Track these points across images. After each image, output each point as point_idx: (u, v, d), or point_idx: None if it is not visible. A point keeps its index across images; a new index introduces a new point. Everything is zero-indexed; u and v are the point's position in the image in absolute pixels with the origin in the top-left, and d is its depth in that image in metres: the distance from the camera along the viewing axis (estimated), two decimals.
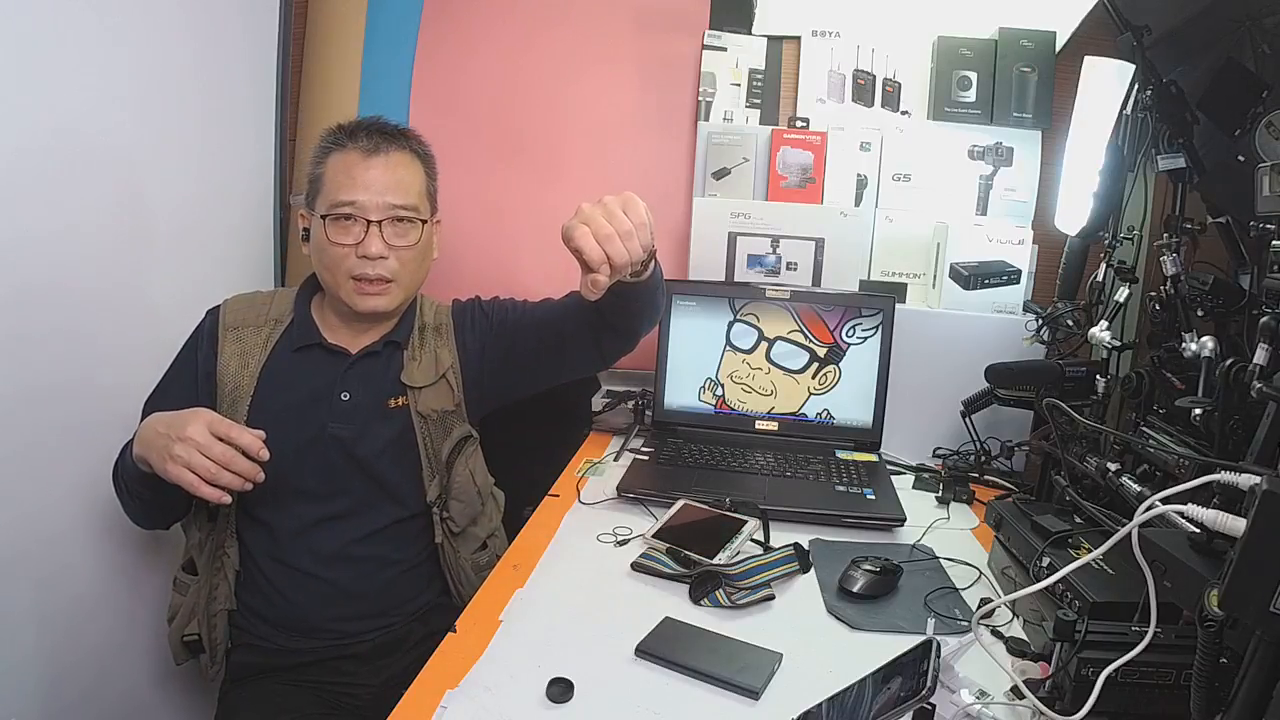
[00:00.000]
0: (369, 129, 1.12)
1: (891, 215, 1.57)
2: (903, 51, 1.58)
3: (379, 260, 1.09)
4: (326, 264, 1.11)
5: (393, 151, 1.11)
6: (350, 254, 1.08)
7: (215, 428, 0.95)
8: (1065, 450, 1.11)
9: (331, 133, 1.13)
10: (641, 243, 0.92)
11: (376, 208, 1.08)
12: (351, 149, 1.10)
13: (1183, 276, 1.01)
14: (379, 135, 1.11)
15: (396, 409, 1.14)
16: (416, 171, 1.14)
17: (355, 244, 1.08)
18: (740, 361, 1.50)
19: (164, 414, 1.00)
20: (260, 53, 1.53)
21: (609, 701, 0.79)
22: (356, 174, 1.08)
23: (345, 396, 1.12)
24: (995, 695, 0.79)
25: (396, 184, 1.10)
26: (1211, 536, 0.61)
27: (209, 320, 1.16)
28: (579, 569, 1.06)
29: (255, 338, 1.14)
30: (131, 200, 1.24)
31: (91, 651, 1.21)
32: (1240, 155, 0.97)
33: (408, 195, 1.11)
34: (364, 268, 1.09)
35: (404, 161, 1.13)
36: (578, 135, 1.62)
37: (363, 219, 1.08)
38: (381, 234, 1.09)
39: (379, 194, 1.08)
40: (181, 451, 0.93)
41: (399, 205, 1.10)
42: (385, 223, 1.09)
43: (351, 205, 1.08)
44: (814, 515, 1.21)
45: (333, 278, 1.11)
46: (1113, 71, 1.24)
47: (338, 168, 1.09)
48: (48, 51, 1.06)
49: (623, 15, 1.61)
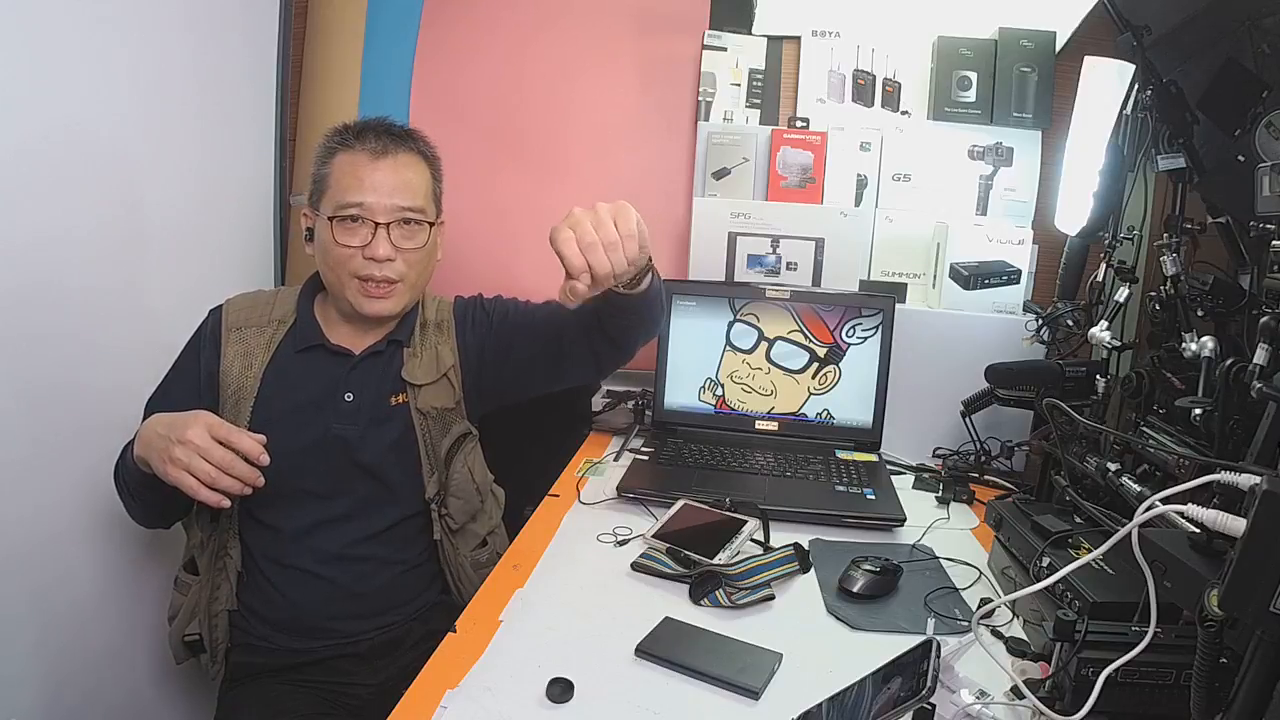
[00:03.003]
0: (376, 130, 1.11)
1: (891, 215, 1.57)
2: (903, 51, 1.58)
3: (386, 263, 1.09)
4: (332, 265, 1.10)
5: (400, 153, 1.11)
6: (357, 255, 1.08)
7: (215, 431, 0.95)
8: (1065, 450, 1.11)
9: (338, 132, 1.13)
10: (628, 254, 0.91)
11: (384, 210, 1.08)
12: (359, 150, 1.09)
13: (1183, 276, 1.01)
14: (386, 137, 1.11)
15: (397, 406, 1.14)
16: (423, 173, 1.14)
17: (362, 246, 1.08)
18: (740, 361, 1.50)
19: (165, 415, 1.00)
20: (260, 53, 1.53)
21: (609, 701, 0.79)
22: (364, 175, 1.08)
23: (349, 398, 1.12)
24: (995, 695, 0.79)
25: (404, 186, 1.10)
26: (1211, 536, 0.61)
27: (211, 320, 1.16)
28: (579, 569, 1.06)
29: (258, 338, 1.13)
30: (131, 200, 1.24)
31: (92, 652, 1.21)
32: (1240, 155, 0.97)
33: (415, 197, 1.11)
34: (371, 269, 1.09)
35: (411, 163, 1.12)
36: (578, 135, 1.62)
37: (370, 221, 1.08)
38: (389, 236, 1.08)
39: (386, 196, 1.08)
40: (181, 454, 0.93)
41: (406, 208, 1.10)
42: (393, 225, 1.09)
43: (359, 207, 1.07)
44: (814, 515, 1.21)
45: (338, 279, 1.10)
46: (1113, 71, 1.24)
47: (344, 169, 1.09)
48: (47, 51, 1.06)
49: (623, 15, 1.61)
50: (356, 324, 1.16)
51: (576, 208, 0.91)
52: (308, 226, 1.15)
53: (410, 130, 1.16)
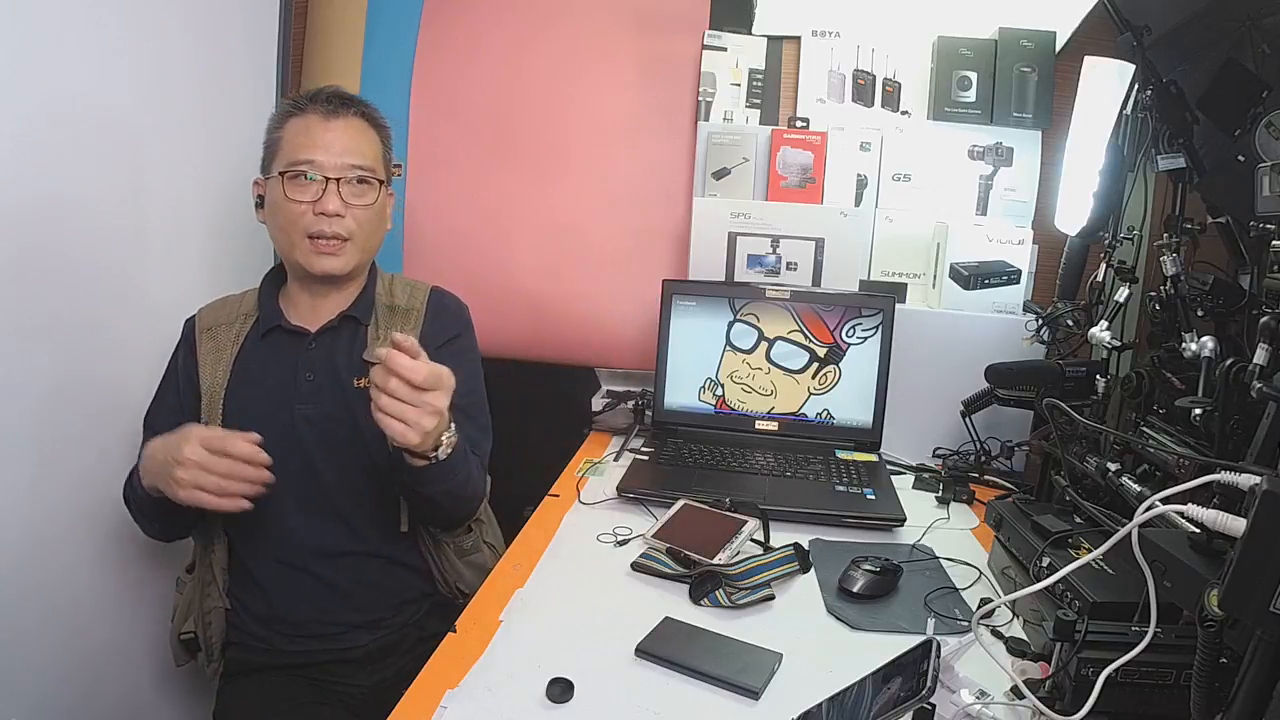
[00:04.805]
0: (328, 94, 1.13)
1: (891, 215, 1.57)
2: (903, 51, 1.58)
3: (335, 218, 1.09)
4: (282, 224, 1.10)
5: (351, 116, 1.12)
6: (307, 211, 1.09)
7: (209, 443, 0.96)
8: (1065, 450, 1.11)
9: (290, 100, 1.15)
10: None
11: (335, 167, 1.09)
12: (311, 112, 1.10)
13: (1183, 276, 1.01)
14: (337, 100, 1.12)
15: (361, 389, 1.12)
16: (373, 139, 1.15)
17: (313, 201, 1.08)
18: (740, 361, 1.50)
19: (160, 440, 1.01)
20: (260, 52, 1.52)
21: (609, 701, 0.79)
22: (316, 134, 1.09)
23: (310, 377, 1.12)
24: (995, 695, 0.79)
25: (354, 147, 1.11)
26: (1211, 536, 0.62)
27: (186, 328, 1.17)
28: (579, 569, 1.06)
29: (227, 335, 1.15)
30: (131, 201, 1.24)
31: (93, 652, 1.21)
32: (1240, 155, 0.97)
33: (365, 157, 1.12)
34: (320, 225, 1.09)
35: (362, 128, 1.13)
36: (578, 135, 1.61)
37: (321, 177, 1.08)
38: (339, 192, 1.09)
39: (338, 155, 1.09)
40: (185, 475, 0.95)
41: (357, 165, 1.11)
42: (343, 181, 1.09)
43: (310, 164, 1.08)
44: (814, 515, 1.21)
45: (288, 238, 1.11)
46: (1113, 71, 1.24)
47: (296, 130, 1.10)
48: (47, 51, 1.06)
49: (623, 15, 1.61)
50: (313, 290, 1.15)
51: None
52: (259, 194, 1.15)
53: (361, 98, 1.16)
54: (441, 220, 1.61)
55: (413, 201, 1.61)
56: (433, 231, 1.60)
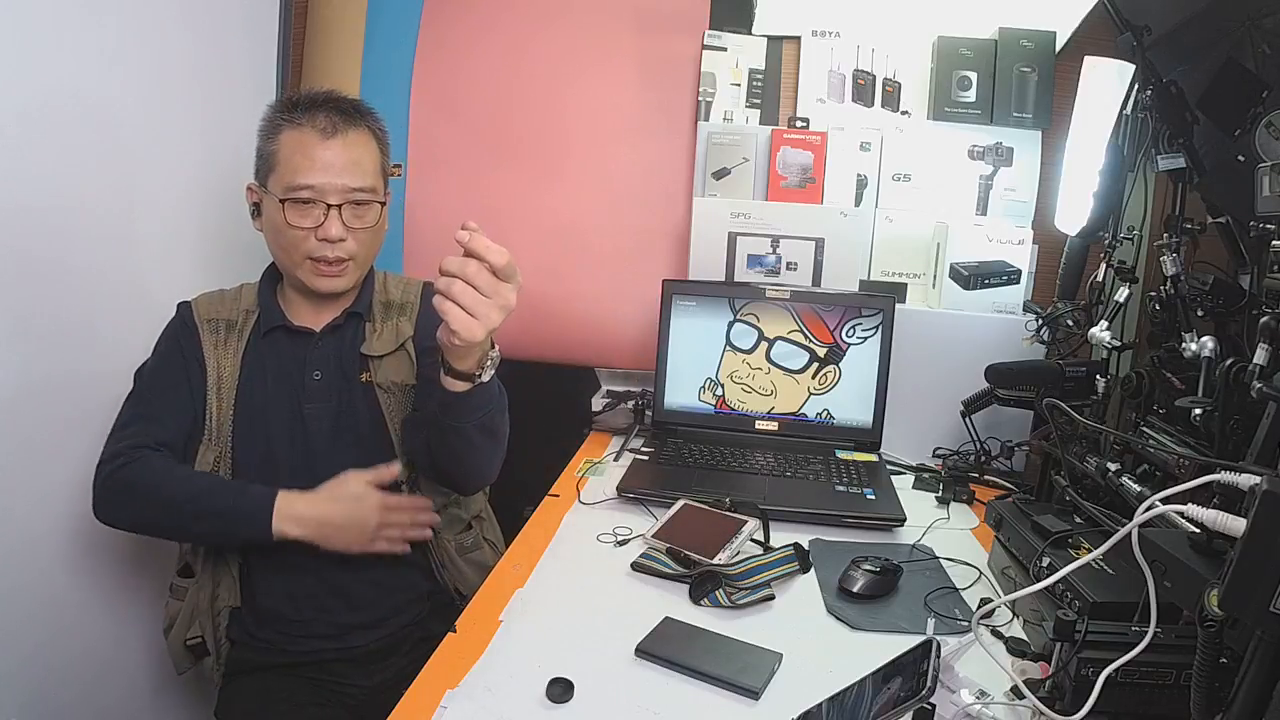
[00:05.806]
0: (325, 107, 1.10)
1: (891, 215, 1.57)
2: (903, 51, 1.58)
3: (338, 243, 1.09)
4: (284, 246, 1.10)
5: (350, 132, 1.10)
6: (309, 236, 1.08)
7: (391, 506, 1.09)
8: (1065, 450, 1.11)
9: (285, 107, 1.11)
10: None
11: (335, 191, 1.08)
12: (308, 128, 1.08)
13: (1183, 276, 1.01)
14: (336, 114, 1.10)
15: (366, 384, 1.14)
16: (372, 150, 1.13)
17: (315, 227, 1.08)
18: (740, 361, 1.50)
19: (322, 505, 1.06)
20: (260, 52, 1.52)
21: (609, 701, 0.79)
22: (315, 155, 1.07)
23: (317, 375, 1.12)
24: (995, 695, 0.79)
25: (354, 165, 1.09)
26: (1211, 536, 0.61)
27: (185, 311, 1.16)
28: (579, 569, 1.06)
29: (231, 329, 1.15)
30: (131, 201, 1.24)
31: (88, 656, 1.21)
32: (1240, 155, 0.97)
33: (364, 177, 1.11)
34: (323, 250, 1.09)
35: (361, 141, 1.11)
36: (578, 135, 1.61)
37: (322, 203, 1.08)
38: (340, 217, 1.09)
39: (337, 176, 1.08)
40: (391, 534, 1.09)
41: (357, 188, 1.10)
42: (344, 206, 1.09)
43: (311, 189, 1.07)
44: (814, 515, 1.21)
45: (290, 259, 1.11)
46: (1113, 71, 1.24)
47: (293, 147, 1.08)
48: (45, 50, 1.06)
49: (622, 15, 1.61)
50: (314, 299, 1.16)
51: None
52: (254, 202, 1.14)
53: (358, 104, 1.14)
54: (441, 220, 1.61)
55: (413, 201, 1.61)
56: (433, 231, 1.60)
